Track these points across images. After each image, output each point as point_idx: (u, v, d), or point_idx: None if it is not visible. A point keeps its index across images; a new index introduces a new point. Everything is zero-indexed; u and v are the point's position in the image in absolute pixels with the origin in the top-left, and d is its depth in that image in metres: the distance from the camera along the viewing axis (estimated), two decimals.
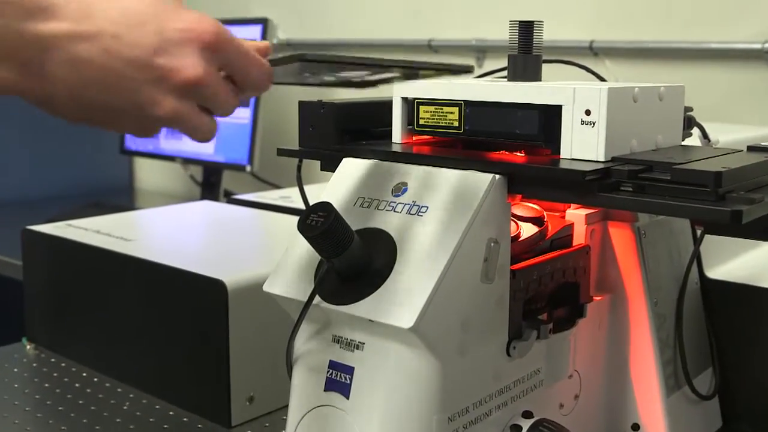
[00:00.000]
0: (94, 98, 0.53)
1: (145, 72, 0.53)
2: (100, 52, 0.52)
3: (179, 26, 0.54)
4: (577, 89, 0.67)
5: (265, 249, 1.07)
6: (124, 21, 0.53)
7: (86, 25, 0.52)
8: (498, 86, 0.72)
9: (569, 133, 0.67)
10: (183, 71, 0.54)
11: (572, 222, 0.77)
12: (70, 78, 0.52)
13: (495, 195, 0.65)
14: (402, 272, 0.63)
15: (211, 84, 0.55)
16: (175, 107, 0.54)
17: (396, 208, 0.67)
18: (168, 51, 0.53)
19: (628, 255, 0.79)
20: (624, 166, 0.64)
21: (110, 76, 0.53)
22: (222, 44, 0.55)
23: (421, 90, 0.76)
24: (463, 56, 1.76)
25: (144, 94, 0.53)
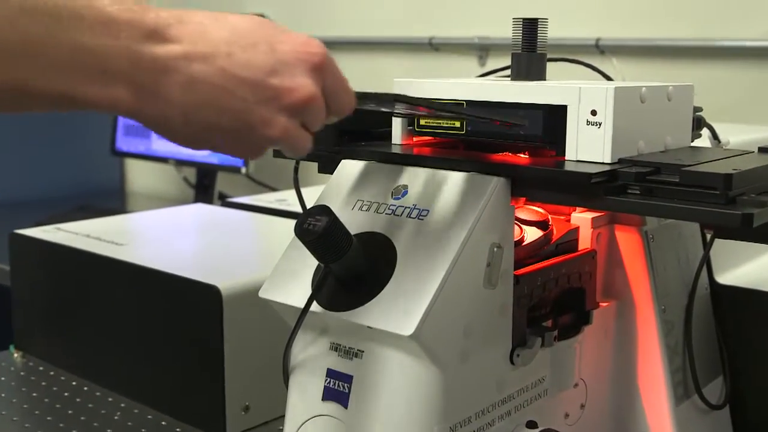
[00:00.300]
0: (207, 119, 0.55)
1: (258, 92, 0.55)
2: (215, 72, 0.54)
3: (290, 47, 0.56)
4: (583, 89, 0.67)
5: (260, 254, 1.08)
6: (237, 41, 0.55)
7: (201, 46, 0.54)
8: (501, 86, 0.72)
9: (574, 134, 0.68)
10: (297, 91, 0.56)
11: (578, 226, 0.78)
12: (185, 99, 0.54)
13: (498, 198, 0.66)
14: (402, 278, 0.63)
15: (319, 104, 0.58)
16: (285, 126, 0.57)
17: (396, 212, 0.68)
18: (280, 71, 0.56)
19: (636, 260, 0.80)
20: (631, 168, 0.65)
21: (224, 96, 0.54)
22: (327, 66, 0.58)
23: (421, 89, 0.76)
24: (465, 55, 1.77)
25: (256, 114, 0.55)
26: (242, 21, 0.56)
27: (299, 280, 0.68)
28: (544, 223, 0.75)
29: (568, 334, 0.75)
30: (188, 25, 0.54)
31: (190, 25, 0.54)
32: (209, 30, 0.55)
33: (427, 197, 0.67)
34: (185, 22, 0.54)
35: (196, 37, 0.54)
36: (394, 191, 0.69)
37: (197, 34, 0.54)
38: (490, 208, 0.65)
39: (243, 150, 0.58)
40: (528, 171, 0.66)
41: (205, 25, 0.55)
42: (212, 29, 0.55)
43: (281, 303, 0.68)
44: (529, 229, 0.74)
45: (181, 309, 0.94)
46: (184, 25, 0.54)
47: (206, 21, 0.55)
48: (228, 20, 0.56)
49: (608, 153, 0.66)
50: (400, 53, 1.89)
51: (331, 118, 0.60)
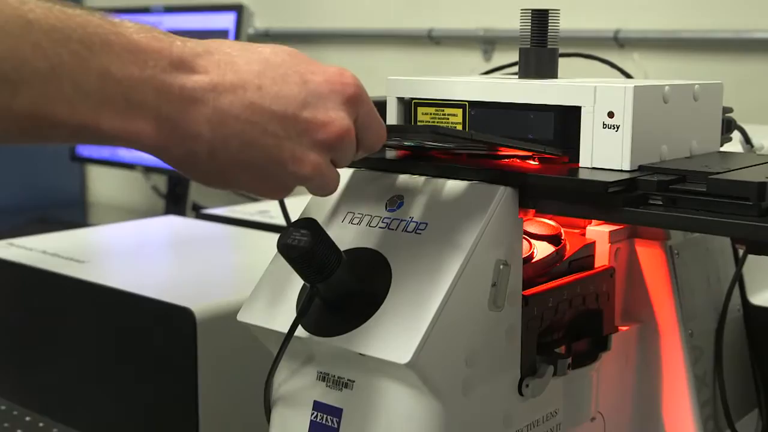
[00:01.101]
0: (234, 155, 0.56)
1: (289, 126, 0.57)
2: (245, 105, 0.56)
3: (322, 78, 0.59)
4: (599, 88, 0.68)
5: (239, 272, 1.08)
6: (266, 73, 0.57)
7: (230, 78, 0.56)
8: (507, 84, 0.73)
9: (589, 139, 0.68)
10: (331, 125, 0.58)
11: (594, 240, 0.78)
12: (212, 133, 0.55)
13: (504, 209, 0.66)
14: (397, 299, 0.64)
15: (352, 139, 0.60)
16: (317, 163, 0.59)
17: (390, 225, 0.68)
18: (312, 104, 0.58)
19: (659, 278, 0.80)
20: (653, 176, 0.65)
21: (254, 130, 0.56)
22: (360, 99, 0.60)
23: (420, 89, 0.77)
24: (469, 49, 1.78)
25: (287, 149, 0.57)
26: (272, 51, 0.58)
27: (282, 302, 0.69)
28: (556, 238, 0.75)
29: (583, 362, 0.76)
30: (216, 56, 0.57)
31: (218, 56, 0.57)
32: (238, 61, 0.57)
33: (426, 209, 0.68)
34: (213, 52, 0.57)
35: (225, 68, 0.56)
36: (388, 202, 0.70)
37: (226, 65, 0.56)
38: (496, 220, 0.66)
39: (270, 188, 0.60)
40: (538, 179, 0.67)
41: (234, 56, 0.57)
42: (241, 60, 0.57)
43: (262, 327, 0.69)
44: (540, 244, 0.75)
45: (149, 334, 0.94)
46: (212, 55, 0.56)
47: (235, 51, 0.57)
48: (257, 51, 0.58)
49: (627, 159, 0.67)
50: (395, 47, 1.89)
51: (360, 154, 0.62)
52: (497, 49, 1.74)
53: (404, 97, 0.78)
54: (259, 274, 0.72)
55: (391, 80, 0.78)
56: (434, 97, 0.76)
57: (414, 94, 0.77)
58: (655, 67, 1.58)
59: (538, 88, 0.71)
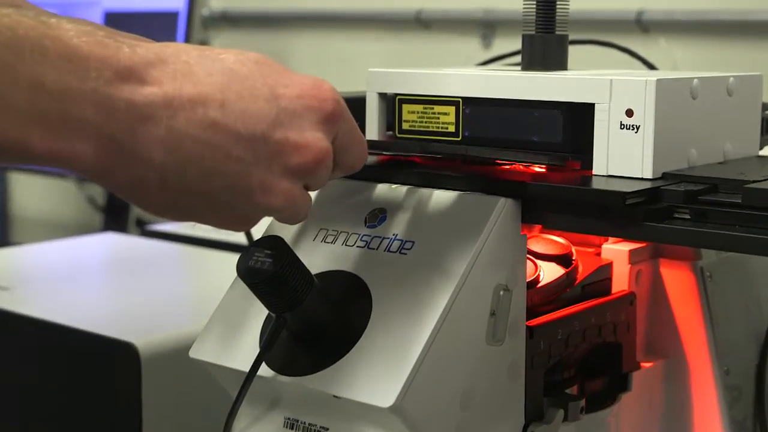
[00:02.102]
0: (191, 184, 0.56)
1: (258, 150, 0.57)
2: (205, 124, 0.56)
3: (296, 92, 0.59)
4: (616, 81, 0.69)
5: (191, 300, 1.08)
6: (231, 86, 0.57)
7: (188, 91, 0.56)
8: (508, 77, 0.74)
9: (604, 142, 0.69)
10: (306, 149, 0.58)
11: (611, 261, 0.79)
12: (165, 158, 0.55)
13: (504, 225, 0.67)
14: (379, 331, 0.64)
15: (329, 163, 0.60)
16: (289, 192, 0.59)
17: (370, 244, 0.69)
18: (285, 123, 0.58)
19: (689, 305, 0.81)
20: (679, 185, 0.66)
21: (215, 155, 0.56)
22: (340, 116, 0.60)
23: (405, 82, 0.77)
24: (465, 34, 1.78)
25: (255, 177, 0.57)
26: (237, 60, 0.58)
27: (243, 335, 0.69)
28: (567, 258, 0.76)
29: (599, 405, 0.76)
30: (171, 65, 0.56)
31: (173, 65, 0.56)
32: (197, 71, 0.57)
33: (412, 225, 0.68)
34: (168, 60, 0.56)
35: (182, 80, 0.56)
36: (368, 217, 0.70)
37: (183, 76, 0.56)
38: (495, 238, 0.66)
39: (233, 220, 0.60)
40: (544, 189, 0.67)
41: (192, 65, 0.57)
42: (201, 70, 0.57)
43: (219, 365, 0.69)
44: (547, 265, 0.75)
45: (85, 374, 0.94)
46: (167, 64, 0.56)
47: (193, 60, 0.57)
48: (220, 59, 0.58)
49: (649, 166, 0.68)
50: (378, 32, 1.90)
51: (336, 175, 0.63)
52: (498, 34, 1.74)
53: (386, 93, 0.78)
54: (215, 303, 0.72)
55: (372, 73, 0.79)
56: (422, 92, 0.76)
57: (398, 88, 0.77)
58: (685, 55, 1.58)
59: (544, 81, 0.72)
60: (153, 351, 0.91)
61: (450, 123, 0.76)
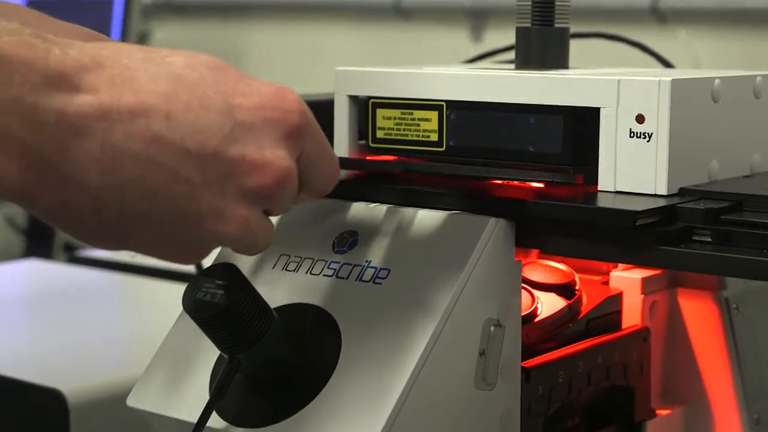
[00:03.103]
0: (131, 209, 0.56)
1: (209, 170, 0.57)
2: (147, 139, 0.55)
3: (255, 102, 0.59)
4: (624, 82, 0.70)
5: (128, 338, 1.08)
6: (179, 94, 0.56)
7: (128, 100, 0.55)
8: (500, 77, 0.75)
9: (611, 152, 0.70)
10: (266, 169, 0.58)
11: (621, 291, 0.80)
12: (100, 179, 0.55)
13: (496, 249, 0.68)
14: (349, 375, 0.65)
15: (293, 184, 0.60)
16: (245, 218, 0.58)
17: (340, 272, 0.69)
18: (241, 139, 0.57)
19: (712, 342, 0.82)
20: (698, 202, 0.67)
21: (159, 175, 0.56)
22: (306, 130, 0.60)
23: (380, 83, 0.78)
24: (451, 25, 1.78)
25: (205, 201, 0.57)
26: (186, 64, 0.58)
27: (189, 380, 0.69)
28: (569, 288, 0.77)
29: None
30: (109, 69, 0.56)
31: (111, 69, 0.56)
32: (139, 77, 0.56)
33: (388, 250, 0.69)
34: (105, 64, 0.56)
35: (121, 87, 0.55)
36: (337, 241, 0.71)
37: (122, 82, 0.56)
38: (485, 265, 0.67)
39: (181, 252, 0.60)
40: (541, 208, 0.68)
41: (134, 70, 0.56)
42: (144, 76, 0.56)
43: (162, 415, 0.69)
44: (546, 296, 0.76)
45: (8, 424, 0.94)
46: (104, 68, 0.56)
47: (135, 63, 0.57)
48: (166, 62, 0.58)
49: (663, 180, 0.69)
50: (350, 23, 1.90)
51: (303, 198, 0.63)
52: (490, 26, 1.74)
53: (358, 96, 0.79)
54: (158, 342, 0.73)
55: (341, 72, 0.80)
56: (399, 95, 0.77)
57: (372, 90, 0.78)
58: (709, 50, 1.58)
59: (542, 82, 0.73)
60: (83, 399, 0.90)
61: (432, 131, 0.76)
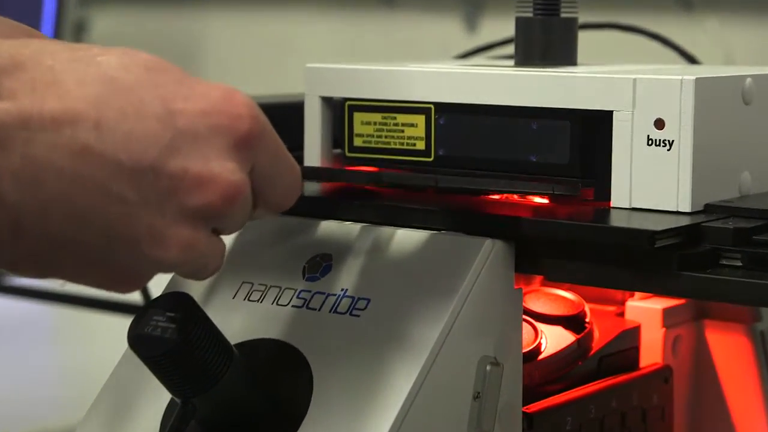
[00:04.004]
0: (55, 231, 0.56)
1: (146, 185, 0.56)
2: (74, 151, 0.55)
3: (198, 107, 0.58)
4: (641, 81, 0.70)
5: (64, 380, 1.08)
6: (111, 99, 0.56)
7: (52, 107, 0.55)
8: (497, 76, 0.75)
9: (626, 162, 0.71)
10: (211, 184, 0.58)
11: (638, 324, 0.80)
12: (19, 196, 0.54)
13: (493, 276, 0.68)
14: (322, 423, 0.65)
15: (244, 200, 0.60)
16: (188, 240, 0.58)
17: (311, 303, 0.70)
18: (183, 150, 0.57)
19: (744, 382, 0.82)
20: (727, 221, 0.67)
21: (88, 192, 0.55)
22: (260, 136, 0.60)
23: (358, 83, 0.78)
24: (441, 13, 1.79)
25: (141, 222, 0.57)
26: (120, 64, 0.58)
27: (136, 428, 0.69)
28: (578, 320, 0.77)
29: None
30: (31, 71, 0.56)
31: (33, 71, 0.56)
32: (65, 80, 0.56)
33: (367, 276, 0.69)
34: (26, 65, 0.56)
35: (44, 92, 0.55)
36: (307, 266, 0.71)
37: (45, 86, 0.55)
38: (480, 293, 0.67)
39: (114, 279, 0.59)
40: (545, 228, 0.68)
41: (59, 72, 0.56)
42: (70, 78, 0.56)
43: None
44: (551, 330, 0.77)
45: None
46: (24, 70, 0.56)
47: (60, 64, 0.56)
48: (96, 61, 0.57)
49: (686, 194, 0.69)
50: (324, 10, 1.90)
51: (260, 214, 0.63)
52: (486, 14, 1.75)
53: (332, 97, 0.80)
54: (97, 385, 0.73)
55: (312, 69, 0.80)
56: (381, 96, 0.78)
57: (348, 91, 0.79)
58: (743, 42, 1.58)
59: (546, 81, 0.73)
60: None
61: (418, 138, 0.77)
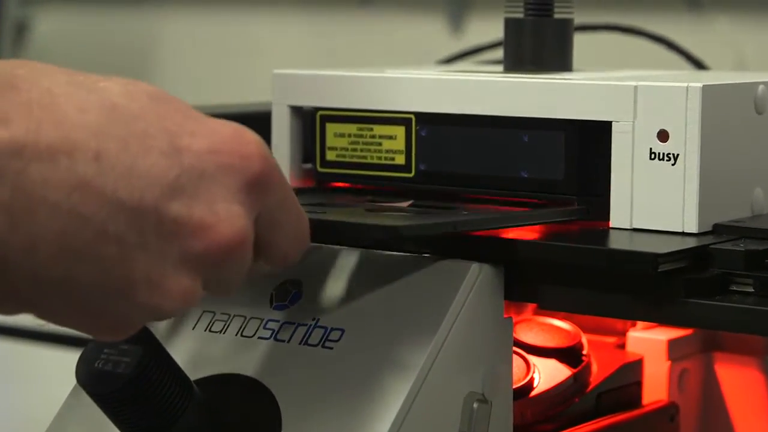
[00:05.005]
0: (44, 271, 0.56)
1: (146, 227, 0.56)
2: (70, 185, 0.55)
3: (205, 145, 0.59)
4: (643, 88, 0.71)
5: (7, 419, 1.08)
6: (113, 129, 0.56)
7: (48, 134, 0.55)
8: (485, 82, 0.76)
9: (627, 178, 0.71)
10: (213, 230, 0.58)
11: (641, 356, 0.81)
12: (9, 232, 0.54)
13: (480, 303, 0.68)
14: None
15: (247, 250, 0.60)
16: (186, 290, 0.58)
17: (279, 334, 0.70)
18: (188, 190, 0.57)
19: (757, 421, 0.82)
20: (738, 243, 0.68)
21: (83, 230, 0.55)
22: (270, 180, 0.61)
23: (330, 90, 0.79)
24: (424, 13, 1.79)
25: (138, 267, 0.57)
26: (124, 92, 0.58)
27: None
28: (574, 353, 0.78)
29: None
30: (27, 93, 0.56)
31: (30, 93, 0.56)
32: (65, 105, 0.56)
33: (341, 305, 0.70)
34: (21, 86, 0.56)
35: (41, 117, 0.55)
36: (275, 293, 0.72)
37: (42, 110, 0.56)
38: (466, 323, 0.68)
39: (105, 325, 0.59)
40: (538, 251, 0.69)
41: (57, 96, 0.56)
42: (69, 103, 0.56)
43: None
44: (544, 363, 0.77)
45: None
46: (20, 91, 0.56)
47: (59, 88, 0.57)
48: (98, 88, 0.58)
49: (693, 214, 0.70)
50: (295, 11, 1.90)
51: (257, 268, 0.63)
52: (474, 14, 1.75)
53: (303, 106, 0.80)
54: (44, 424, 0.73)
55: (280, 76, 0.81)
56: (356, 105, 0.78)
57: (320, 99, 0.79)
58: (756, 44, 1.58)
59: (538, 89, 0.74)
60: None
61: (397, 151, 0.77)
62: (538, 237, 0.70)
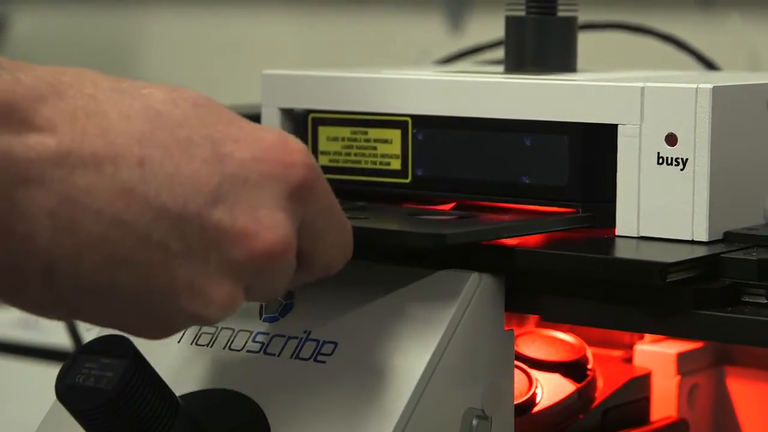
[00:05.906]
0: (89, 277, 0.57)
1: (190, 234, 0.58)
2: (114, 192, 0.56)
3: (249, 152, 0.60)
4: (651, 90, 0.71)
5: None
6: (156, 136, 0.58)
7: (93, 142, 0.56)
8: (485, 84, 0.76)
9: (633, 184, 0.72)
10: (259, 237, 0.59)
11: (648, 371, 0.81)
12: (53, 239, 0.56)
13: (480, 315, 0.69)
14: None
15: (290, 258, 0.61)
16: (229, 297, 0.60)
17: (269, 348, 0.70)
18: (231, 197, 0.59)
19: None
20: (750, 252, 0.68)
21: (127, 237, 0.57)
22: (314, 188, 0.62)
23: (322, 92, 0.79)
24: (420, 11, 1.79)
25: (181, 274, 0.58)
26: (168, 98, 0.60)
27: None
28: (578, 367, 0.78)
29: None
30: (71, 99, 0.57)
31: (75, 100, 0.57)
32: (108, 111, 0.58)
33: (334, 317, 0.70)
34: (66, 94, 0.57)
35: (85, 124, 0.57)
36: (265, 304, 0.72)
37: (87, 117, 0.57)
38: (465, 336, 0.68)
39: (148, 327, 0.61)
40: (540, 260, 0.69)
41: (101, 102, 0.58)
42: (113, 110, 0.58)
43: None
44: (548, 378, 0.77)
45: None
46: (65, 98, 0.57)
47: (103, 94, 0.58)
48: (141, 95, 0.59)
49: (702, 221, 0.70)
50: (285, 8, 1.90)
51: (302, 278, 0.64)
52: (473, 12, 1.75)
53: (294, 108, 0.81)
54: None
55: (270, 77, 0.81)
56: (350, 107, 0.79)
57: (312, 101, 0.80)
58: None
59: (541, 91, 0.74)
60: None
61: (393, 156, 0.78)
62: (540, 245, 0.71)
